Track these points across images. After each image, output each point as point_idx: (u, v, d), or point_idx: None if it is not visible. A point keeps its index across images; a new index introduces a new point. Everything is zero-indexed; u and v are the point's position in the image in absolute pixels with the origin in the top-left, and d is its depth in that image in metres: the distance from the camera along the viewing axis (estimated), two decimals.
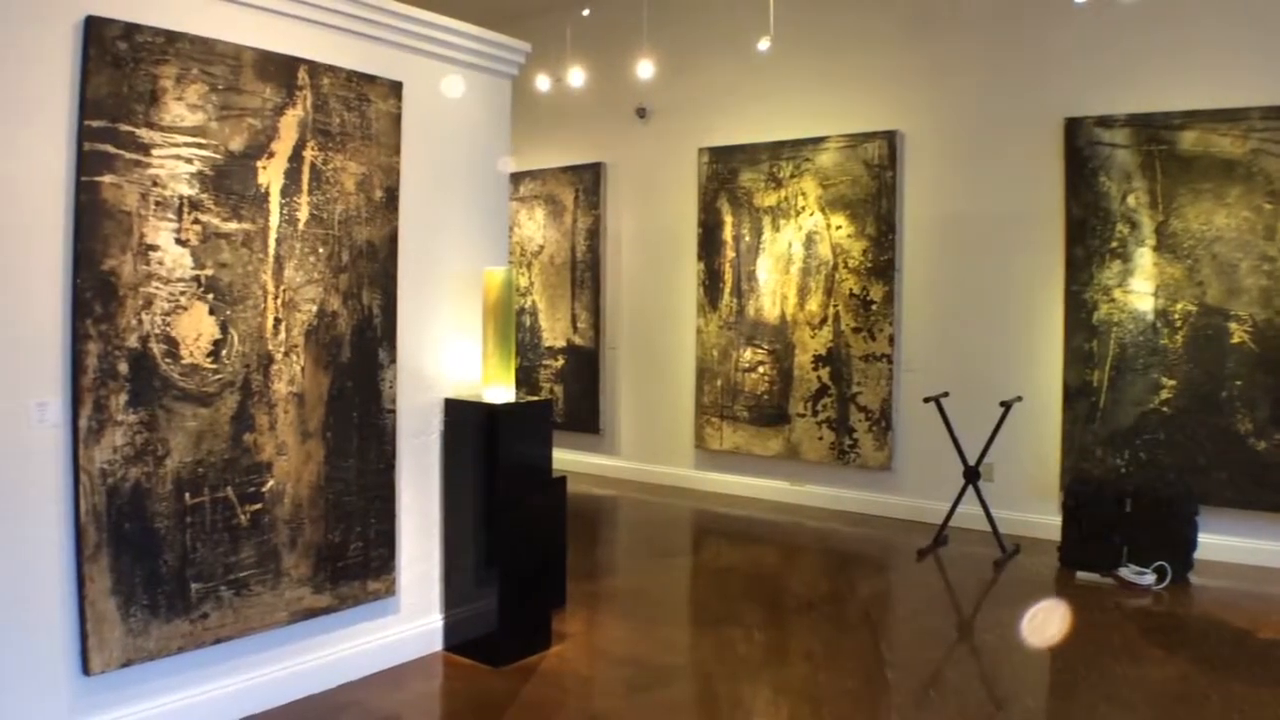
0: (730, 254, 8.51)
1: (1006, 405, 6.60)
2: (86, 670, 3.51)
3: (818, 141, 7.95)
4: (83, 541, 3.47)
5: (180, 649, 3.76)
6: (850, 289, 7.82)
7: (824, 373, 7.97)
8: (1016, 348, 7.17)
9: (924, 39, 7.56)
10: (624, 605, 5.63)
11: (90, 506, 3.48)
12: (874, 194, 7.69)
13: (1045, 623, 5.22)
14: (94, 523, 3.49)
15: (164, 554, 3.68)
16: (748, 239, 8.40)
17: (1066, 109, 6.86)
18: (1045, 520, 6.90)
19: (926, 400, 6.85)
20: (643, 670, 4.64)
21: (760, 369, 8.35)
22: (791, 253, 8.13)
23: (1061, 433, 6.90)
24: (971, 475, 6.70)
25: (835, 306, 7.90)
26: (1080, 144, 6.78)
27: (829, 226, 7.90)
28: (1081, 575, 6.09)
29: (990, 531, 6.62)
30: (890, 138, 7.60)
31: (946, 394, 6.87)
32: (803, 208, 8.05)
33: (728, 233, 8.52)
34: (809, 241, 8.02)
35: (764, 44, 7.29)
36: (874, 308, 7.71)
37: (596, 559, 6.82)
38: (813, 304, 8.02)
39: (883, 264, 7.66)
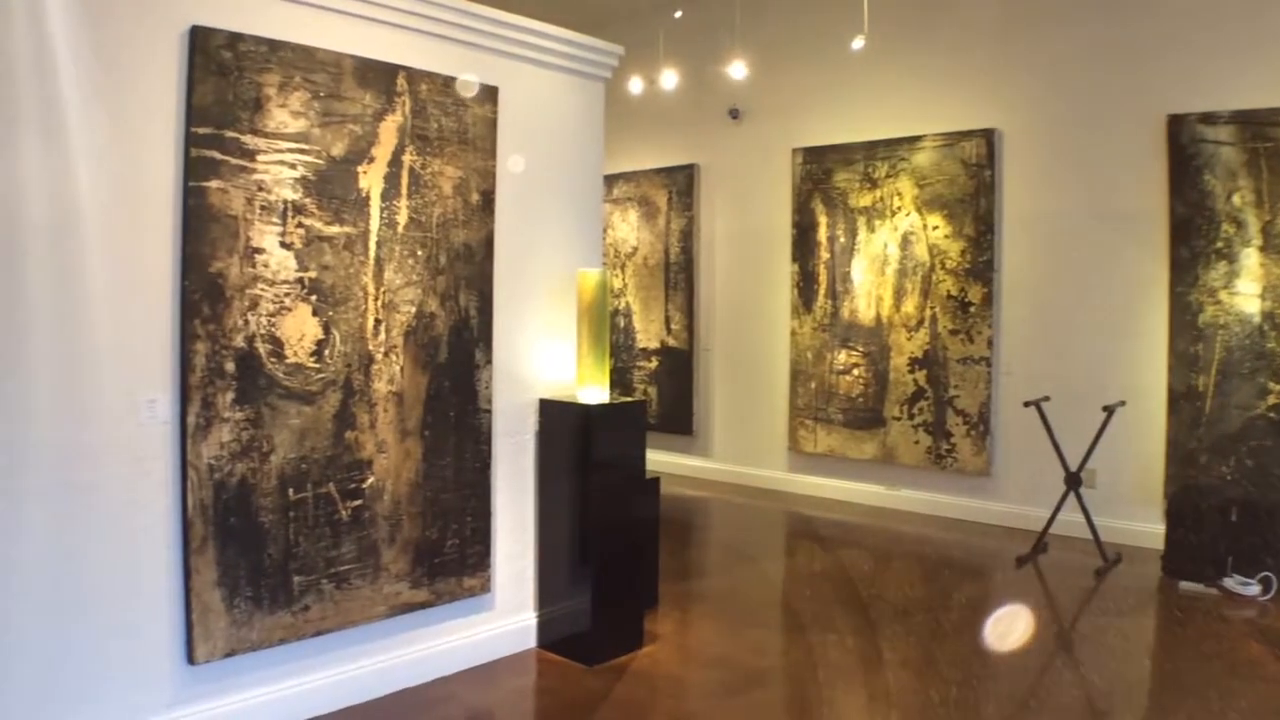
0: (825, 255, 8.45)
1: (1109, 410, 6.42)
2: (191, 659, 3.64)
3: (913, 140, 7.84)
4: (190, 534, 3.60)
5: (282, 640, 3.87)
6: (948, 290, 7.69)
7: (920, 375, 7.86)
8: (1119, 351, 6.98)
9: (1021, 34, 7.41)
10: (716, 607, 5.62)
11: (197, 500, 3.60)
12: (972, 193, 7.56)
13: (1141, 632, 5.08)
14: (201, 516, 3.61)
15: (268, 547, 3.80)
16: (842, 240, 8.33)
17: (1169, 105, 6.66)
18: (1148, 529, 6.70)
19: (1027, 404, 6.71)
20: (734, 672, 4.63)
21: (855, 371, 8.27)
22: (887, 254, 8.03)
23: (1166, 438, 6.68)
24: (1073, 481, 6.54)
25: (932, 308, 7.78)
26: (1184, 141, 6.57)
27: (925, 227, 7.79)
28: (1185, 585, 5.90)
29: (1091, 539, 6.45)
30: (988, 136, 7.46)
31: (1047, 398, 6.72)
32: (898, 208, 7.95)
33: (822, 234, 8.46)
34: (905, 242, 7.92)
35: (858, 42, 7.22)
36: (972, 309, 7.57)
37: (689, 560, 6.82)
38: (909, 306, 7.91)
39: (981, 265, 7.52)
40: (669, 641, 5.00)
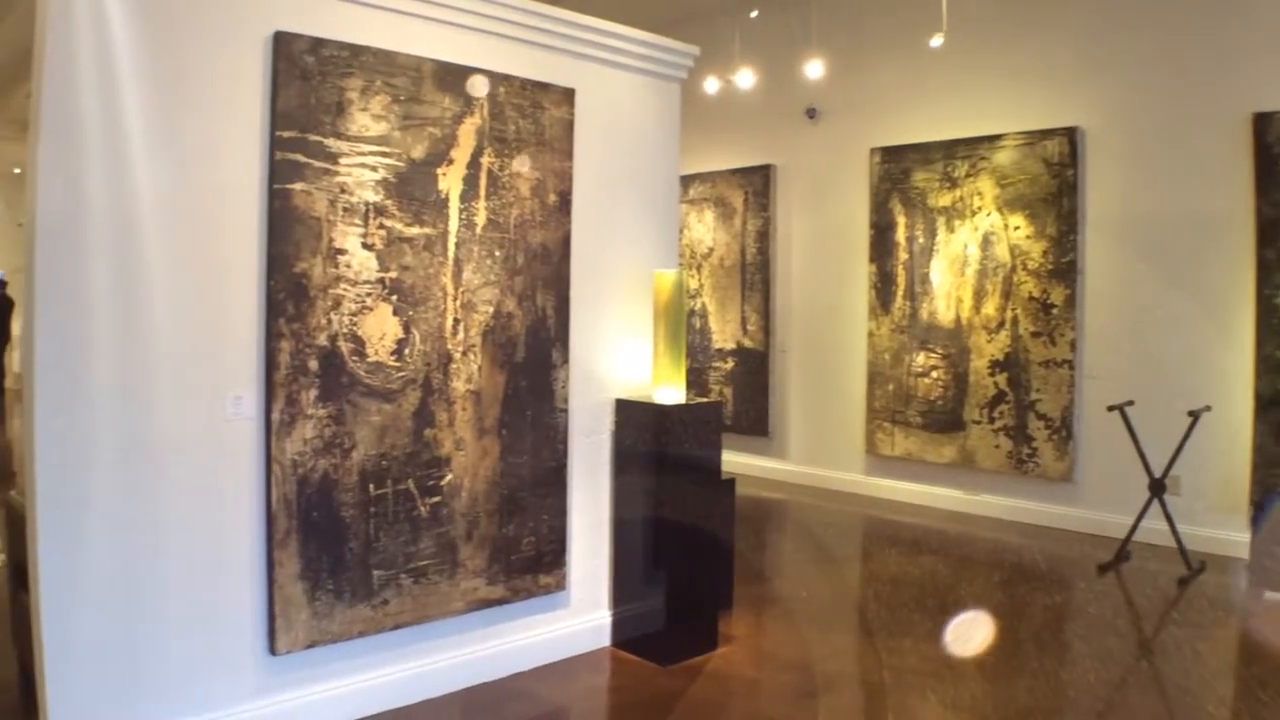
0: (903, 256, 8.36)
1: (1195, 415, 6.25)
2: (273, 650, 3.73)
3: (994, 139, 7.73)
4: (273, 528, 3.69)
5: (361, 633, 3.94)
6: (1029, 292, 7.56)
7: (1001, 378, 7.74)
8: (1205, 355, 6.80)
9: (1104, 31, 7.25)
10: (791, 610, 5.60)
11: (281, 495, 3.69)
12: (1054, 193, 7.42)
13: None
14: (284, 510, 3.70)
15: (349, 542, 3.88)
16: (921, 240, 8.23)
17: (1255, 103, 6.46)
18: (1234, 537, 6.52)
19: (1111, 409, 6.56)
20: (810, 676, 4.61)
21: (934, 374, 8.17)
22: (967, 254, 7.92)
23: (1252, 445, 6.48)
24: (1157, 488, 6.38)
25: (1013, 310, 7.65)
26: (1270, 140, 6.37)
27: (1006, 227, 7.67)
28: (1270, 594, 5.73)
29: (1175, 547, 6.29)
30: (1070, 134, 7.32)
31: (1131, 402, 6.56)
32: (979, 208, 7.83)
33: (900, 234, 8.38)
34: (985, 242, 7.80)
35: (937, 40, 7.14)
36: (1054, 311, 7.43)
37: (764, 562, 6.80)
38: (989, 307, 7.80)
39: (1064, 266, 7.38)
40: (743, 643, 4.99)
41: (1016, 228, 7.61)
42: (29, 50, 3.53)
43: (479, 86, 3.93)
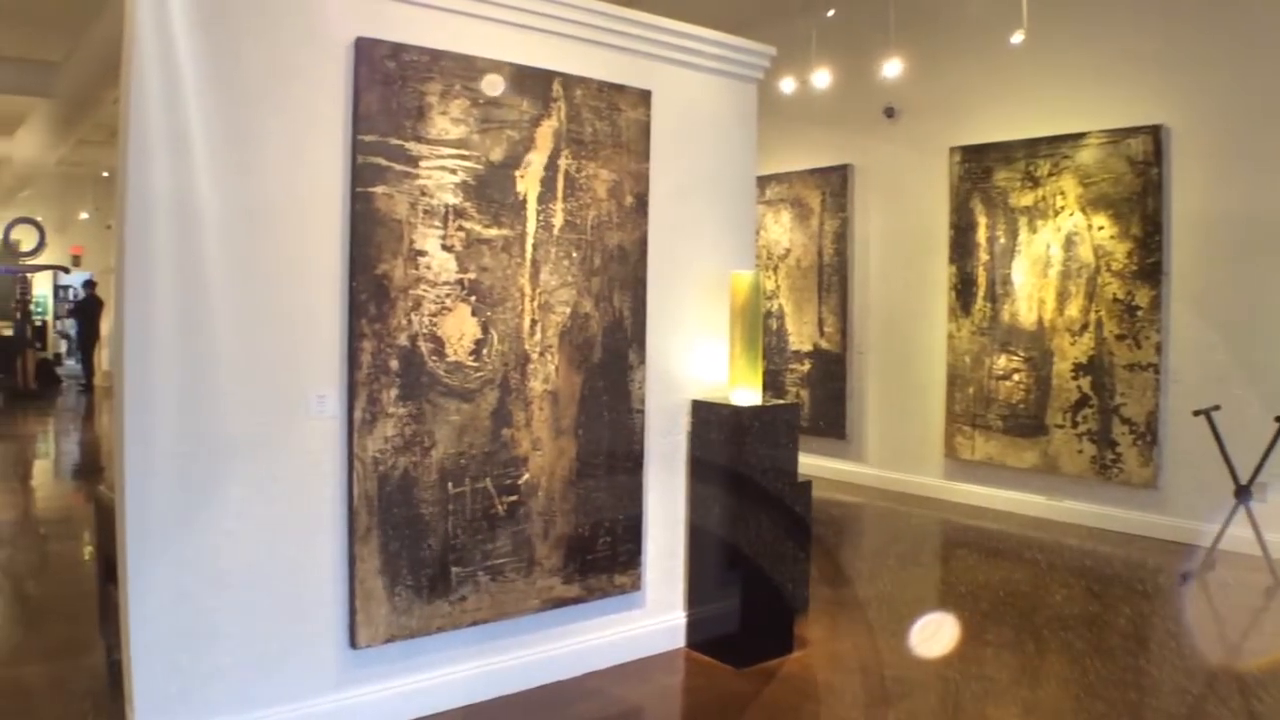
0: (984, 256, 8.24)
1: None
2: (354, 644, 3.81)
3: (1077, 138, 7.57)
4: (355, 524, 3.76)
5: (439, 629, 4.00)
6: (1114, 293, 7.40)
7: (1084, 382, 7.58)
8: None
9: (1188, 26, 7.05)
10: (868, 615, 5.54)
11: (363, 491, 3.76)
12: (1138, 192, 7.25)
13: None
14: (366, 507, 3.77)
15: (428, 538, 3.94)
16: (1002, 241, 8.10)
17: None
18: None
19: (1197, 413, 6.39)
20: (885, 682, 4.56)
21: (1015, 377, 8.03)
22: (1050, 255, 7.78)
23: None
24: (1243, 494, 6.19)
25: (1097, 312, 7.49)
26: None
27: (1090, 227, 7.51)
28: None
29: (1261, 556, 6.10)
30: (1155, 132, 7.14)
31: (1218, 407, 6.38)
32: (1062, 208, 7.69)
33: (981, 234, 8.25)
34: (1069, 243, 7.65)
35: (1017, 37, 7.03)
36: (1139, 314, 7.26)
37: (841, 566, 6.74)
38: (1073, 309, 7.64)
39: (1149, 267, 7.20)
40: (819, 647, 4.96)
41: (1100, 228, 7.45)
42: (116, 57, 3.66)
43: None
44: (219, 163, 3.50)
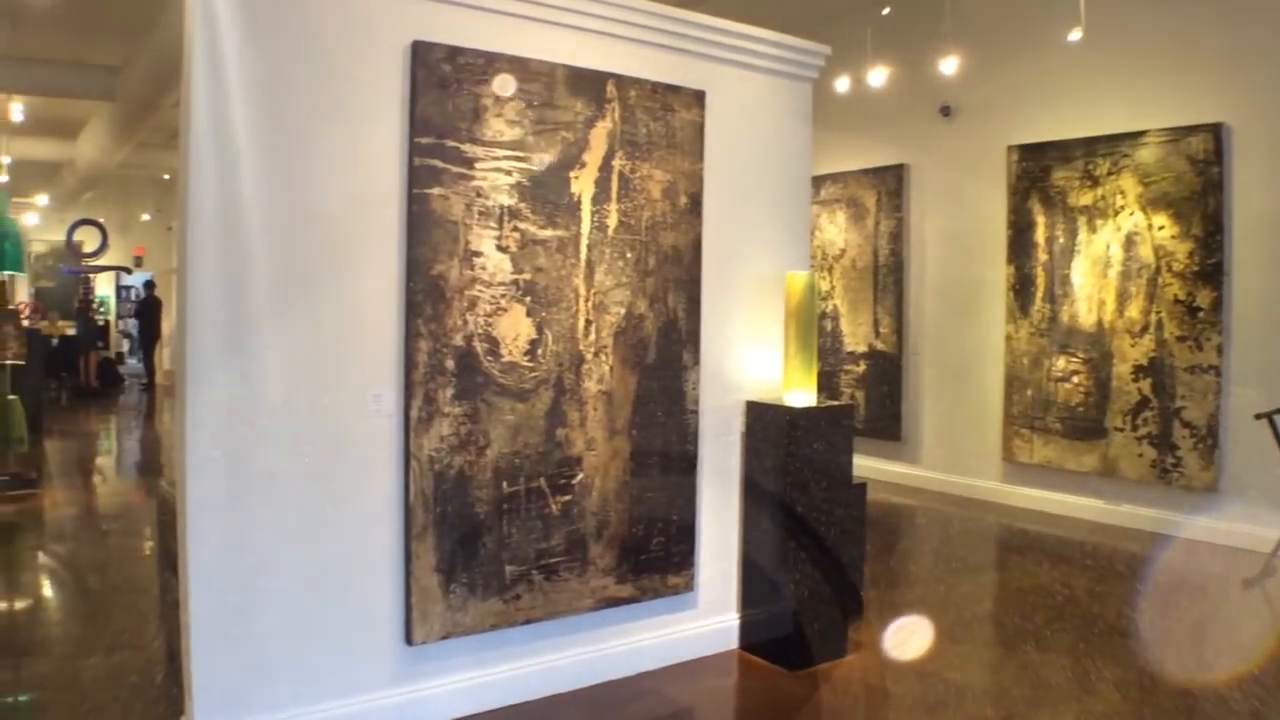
0: (1042, 257, 8.13)
1: None
2: (409, 640, 3.85)
3: (1136, 136, 7.44)
4: (411, 521, 3.80)
5: (493, 626, 4.03)
6: (1174, 294, 7.26)
7: (1145, 384, 7.45)
8: None
9: (1250, 20, 6.89)
10: (923, 618, 5.48)
11: (419, 490, 3.80)
12: (1198, 191, 7.11)
13: None
14: (421, 505, 3.81)
15: (482, 537, 3.97)
16: (1061, 241, 7.99)
17: None
18: None
19: (1259, 417, 6.27)
20: (939, 687, 4.51)
21: (1075, 379, 7.91)
22: (1109, 255, 7.66)
23: None
24: None
25: (1158, 313, 7.36)
26: None
27: (1150, 227, 7.38)
28: None
29: None
30: (1216, 130, 6.99)
31: None
32: (1121, 207, 7.56)
33: (1039, 234, 8.14)
34: (1128, 243, 7.53)
35: (1075, 34, 6.93)
36: (1201, 315, 7.12)
37: (895, 569, 6.69)
38: (1133, 310, 7.52)
39: (1210, 267, 7.06)
40: (873, 651, 4.92)
41: (1160, 228, 7.32)
42: (175, 61, 3.72)
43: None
44: (278, 165, 3.56)
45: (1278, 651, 5.00)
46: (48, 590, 6.15)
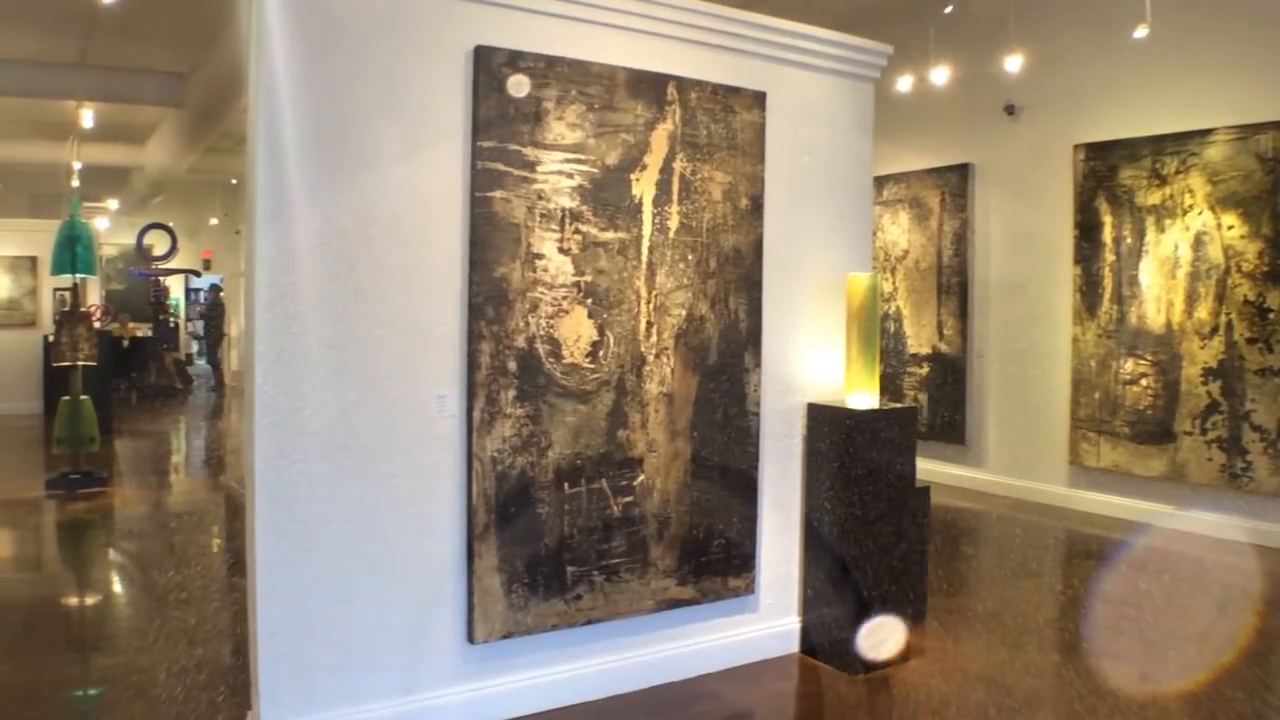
0: (1109, 257, 7.98)
1: None
2: (471, 639, 3.88)
3: (1204, 134, 7.28)
4: (473, 521, 3.83)
5: (554, 626, 4.05)
6: (1244, 295, 7.09)
7: (1214, 387, 7.29)
8: None
9: None
10: (986, 624, 5.41)
11: (481, 490, 3.83)
12: (1268, 190, 6.93)
13: None
14: (484, 505, 3.84)
15: (544, 537, 3.99)
16: (1129, 241, 7.84)
17: None
18: None
19: None
20: (1002, 694, 4.45)
21: (1143, 381, 7.76)
22: (1178, 255, 7.50)
23: None
24: None
25: (1227, 314, 7.20)
26: None
27: (1219, 226, 7.22)
28: None
29: None
30: None
31: None
32: (1190, 206, 7.41)
33: (1107, 234, 8.00)
34: (1197, 243, 7.37)
35: (1140, 31, 6.81)
36: (1271, 316, 6.95)
37: (959, 574, 6.61)
38: (1202, 311, 7.36)
39: None
40: (935, 656, 4.87)
41: (1230, 227, 7.16)
42: (242, 67, 3.79)
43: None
44: (343, 170, 3.61)
45: None
46: (117, 586, 6.29)
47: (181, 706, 4.13)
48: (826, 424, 4.74)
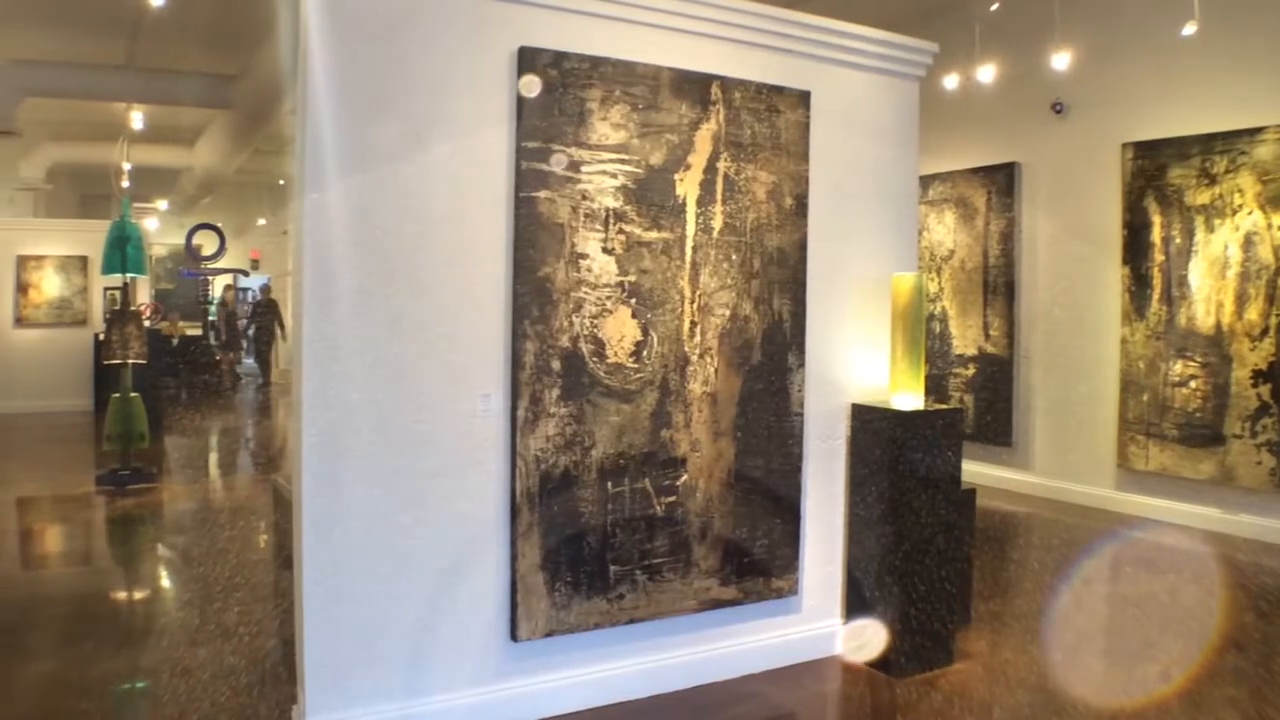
0: (1158, 257, 7.87)
1: None
2: (514, 637, 3.90)
3: (1254, 133, 7.16)
4: (516, 520, 3.85)
5: (597, 625, 4.06)
6: None
7: (1264, 390, 7.16)
8: None
9: None
10: (1031, 629, 5.35)
11: (524, 489, 3.85)
12: None
13: None
14: (527, 503, 3.86)
15: (587, 536, 4.00)
16: (1178, 241, 7.73)
17: None
18: None
19: None
20: (1047, 700, 4.40)
21: (1192, 383, 7.65)
22: (1227, 256, 7.38)
23: None
24: None
25: (1278, 316, 7.08)
26: None
27: (1270, 226, 7.09)
28: None
29: None
30: None
31: None
32: (1239, 206, 7.28)
33: (1155, 234, 7.89)
34: (1247, 243, 7.25)
35: (1189, 28, 6.71)
36: None
37: (1004, 578, 6.55)
38: (1252, 313, 7.24)
39: None
40: (979, 661, 4.83)
41: None
42: (290, 69, 3.84)
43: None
44: (388, 170, 3.64)
45: None
46: (165, 581, 6.38)
47: (228, 699, 4.18)
48: (871, 425, 4.72)
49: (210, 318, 20.76)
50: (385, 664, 3.69)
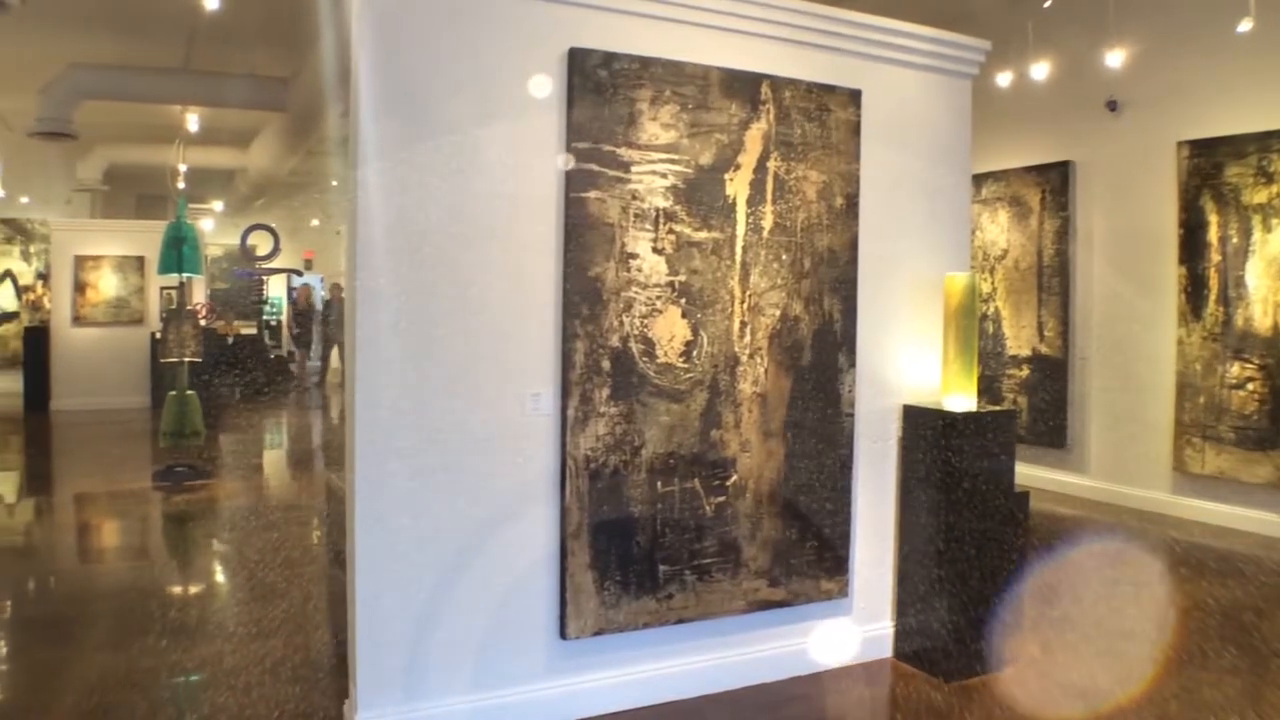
0: (1215, 257, 7.74)
1: None
2: (563, 635, 3.92)
3: None
4: (566, 519, 3.87)
5: (646, 624, 4.07)
6: None
7: None
8: None
9: None
10: (1082, 634, 5.28)
11: (574, 488, 3.86)
12: None
13: None
14: (577, 503, 3.87)
15: (636, 536, 4.01)
16: (1235, 240, 7.59)
17: None
18: None
19: None
20: (1096, 705, 4.34)
21: (1249, 385, 7.51)
22: None
23: None
24: None
25: None
26: None
27: None
28: None
29: None
30: None
31: None
32: None
33: (1212, 234, 7.75)
34: None
35: (1245, 24, 6.59)
36: None
37: (1057, 583, 6.46)
38: None
39: None
40: (1030, 666, 4.77)
41: None
42: (343, 72, 3.88)
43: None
44: (440, 171, 3.68)
45: None
46: (219, 576, 6.47)
47: (280, 693, 4.24)
48: (922, 426, 4.68)
49: (271, 316, 20.99)
50: (435, 660, 3.72)
